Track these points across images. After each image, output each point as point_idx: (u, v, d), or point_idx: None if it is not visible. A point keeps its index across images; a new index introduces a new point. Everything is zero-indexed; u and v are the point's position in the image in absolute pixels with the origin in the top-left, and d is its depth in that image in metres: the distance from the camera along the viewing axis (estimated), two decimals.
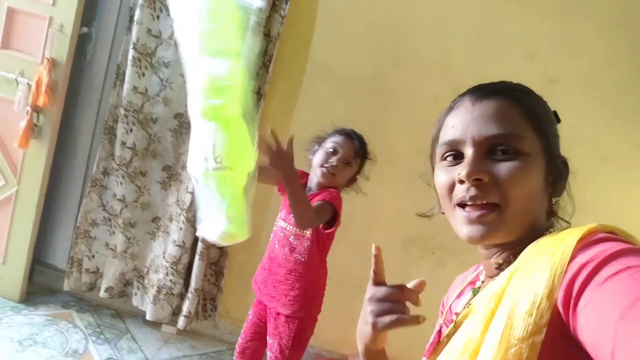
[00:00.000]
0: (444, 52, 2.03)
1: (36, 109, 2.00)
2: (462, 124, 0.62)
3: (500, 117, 0.60)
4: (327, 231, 1.50)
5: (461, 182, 0.59)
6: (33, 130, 2.01)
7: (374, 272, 0.67)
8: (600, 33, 1.94)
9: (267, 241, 2.20)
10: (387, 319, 0.60)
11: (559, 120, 0.66)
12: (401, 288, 0.63)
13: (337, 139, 1.52)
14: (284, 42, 2.02)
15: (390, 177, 2.12)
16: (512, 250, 0.62)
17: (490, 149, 0.59)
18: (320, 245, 1.54)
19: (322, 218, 1.45)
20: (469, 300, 0.67)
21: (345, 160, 1.50)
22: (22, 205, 2.08)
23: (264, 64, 2.01)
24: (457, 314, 0.66)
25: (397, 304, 0.61)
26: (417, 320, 0.58)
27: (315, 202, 1.46)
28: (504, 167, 0.58)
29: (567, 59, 1.99)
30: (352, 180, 1.57)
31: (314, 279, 1.57)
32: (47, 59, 1.96)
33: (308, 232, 1.50)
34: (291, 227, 1.52)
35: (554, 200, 0.62)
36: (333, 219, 1.48)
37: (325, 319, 2.20)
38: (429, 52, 2.03)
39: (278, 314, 1.54)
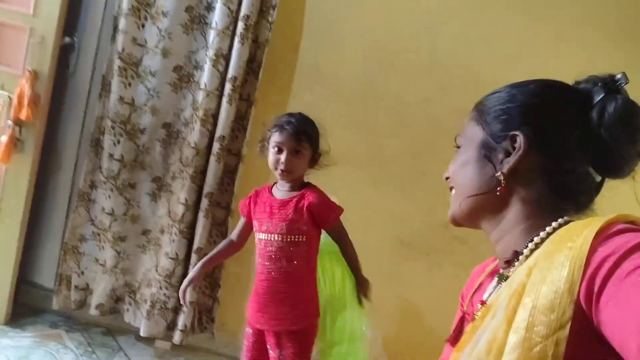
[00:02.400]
0: (432, 54, 2.04)
1: (18, 123, 1.93)
2: None
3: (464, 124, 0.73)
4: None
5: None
6: (15, 144, 1.94)
7: None
8: (583, 31, 1.98)
9: None
10: None
11: (626, 81, 0.64)
12: None
13: (275, 136, 1.48)
14: (273, 48, 2.00)
15: (383, 179, 2.12)
16: (506, 237, 0.66)
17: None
18: (315, 245, 1.53)
19: (343, 229, 1.57)
20: (496, 286, 0.67)
21: (293, 152, 1.46)
22: (6, 223, 2.00)
23: (253, 70, 1.99)
24: (482, 302, 0.66)
25: None
26: None
27: (310, 211, 1.48)
28: None
29: (552, 56, 2.02)
30: (314, 162, 1.53)
31: (313, 281, 1.54)
32: (29, 71, 1.91)
33: (304, 237, 1.48)
34: (283, 236, 1.47)
35: (500, 178, 0.64)
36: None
37: None
38: (418, 55, 2.04)
39: (285, 332, 1.48)
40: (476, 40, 2.03)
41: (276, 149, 1.47)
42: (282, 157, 1.45)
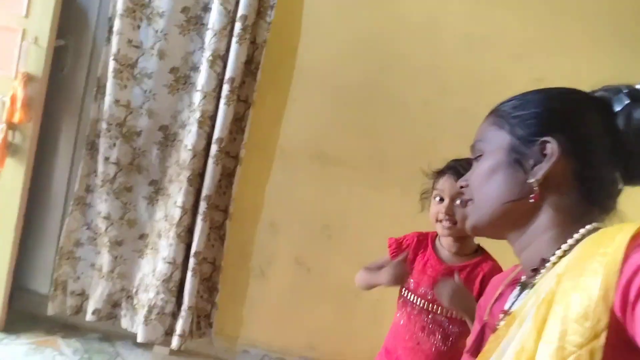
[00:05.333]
0: (432, 55, 2.02)
1: (11, 126, 1.89)
2: None
3: (477, 131, 0.72)
4: None
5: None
6: (8, 148, 1.90)
7: None
8: (585, 31, 1.97)
9: (259, 256, 2.15)
10: None
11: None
12: None
13: (436, 183, 1.30)
14: (271, 49, 1.97)
15: (384, 183, 2.10)
16: (527, 245, 0.64)
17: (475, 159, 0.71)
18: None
19: None
20: (518, 295, 0.66)
21: (456, 199, 1.25)
22: None
23: (251, 71, 1.96)
24: (504, 312, 0.65)
25: None
26: None
27: (483, 285, 1.21)
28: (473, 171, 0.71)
29: (552, 57, 2.00)
30: None
31: None
32: (22, 73, 1.87)
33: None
34: (444, 309, 1.25)
35: (534, 185, 0.62)
36: None
37: (323, 330, 2.15)
38: (417, 57, 2.02)
39: None
40: (476, 41, 2.00)
41: (438, 198, 1.28)
42: (442, 206, 1.26)
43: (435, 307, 1.26)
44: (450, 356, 1.25)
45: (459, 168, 1.26)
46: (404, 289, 1.33)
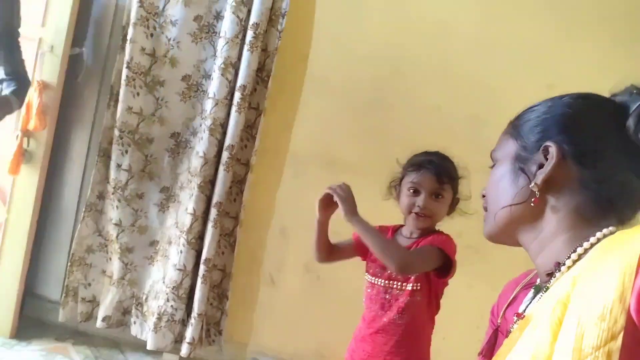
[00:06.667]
0: (443, 61, 2.02)
1: (27, 134, 1.93)
2: None
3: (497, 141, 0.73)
4: (442, 280, 1.29)
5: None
6: (24, 155, 1.93)
7: None
8: (599, 35, 1.96)
9: (269, 263, 2.14)
10: None
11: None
12: None
13: (412, 176, 1.32)
14: (282, 57, 1.99)
15: None
16: (542, 251, 0.63)
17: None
18: (435, 297, 1.33)
19: (427, 263, 1.25)
20: (532, 298, 0.65)
21: (433, 195, 1.30)
22: (12, 235, 1.99)
23: (262, 79, 1.98)
24: (518, 315, 0.64)
25: None
26: None
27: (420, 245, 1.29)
28: None
29: (564, 63, 1.99)
30: (453, 206, 1.36)
31: (427, 339, 1.36)
32: (38, 81, 1.90)
33: (409, 286, 1.29)
34: (395, 282, 1.32)
35: (535, 189, 0.62)
36: (447, 267, 1.27)
37: (333, 337, 2.13)
38: (428, 63, 2.02)
39: None
40: (487, 47, 2.00)
41: (412, 190, 1.31)
42: (419, 199, 1.30)
43: (392, 283, 1.33)
44: (404, 328, 1.30)
45: (436, 162, 1.32)
46: (366, 274, 1.39)
